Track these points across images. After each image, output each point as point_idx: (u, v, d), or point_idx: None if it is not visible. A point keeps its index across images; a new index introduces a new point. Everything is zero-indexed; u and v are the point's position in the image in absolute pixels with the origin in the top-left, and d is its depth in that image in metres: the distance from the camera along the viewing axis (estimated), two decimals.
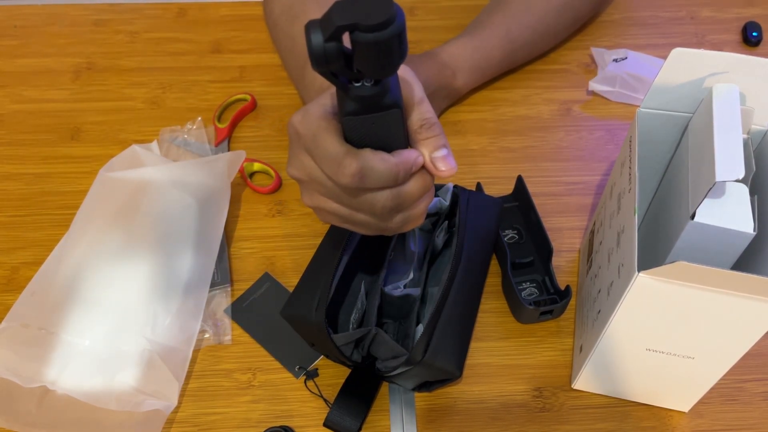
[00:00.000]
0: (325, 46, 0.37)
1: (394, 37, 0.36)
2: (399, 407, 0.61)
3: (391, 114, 0.41)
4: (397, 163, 0.43)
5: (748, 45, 0.89)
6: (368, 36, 0.36)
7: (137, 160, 0.73)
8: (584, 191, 0.75)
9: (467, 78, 0.78)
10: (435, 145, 0.44)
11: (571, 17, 0.83)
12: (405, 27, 0.37)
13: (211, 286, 0.66)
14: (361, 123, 0.42)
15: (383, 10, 0.35)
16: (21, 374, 0.59)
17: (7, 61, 0.87)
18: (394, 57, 0.38)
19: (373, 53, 0.37)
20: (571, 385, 0.61)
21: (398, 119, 0.42)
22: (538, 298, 0.66)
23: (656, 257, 0.54)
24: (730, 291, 0.45)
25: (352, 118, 0.42)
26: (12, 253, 0.70)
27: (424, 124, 0.44)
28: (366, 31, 0.36)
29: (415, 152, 0.44)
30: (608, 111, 0.82)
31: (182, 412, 0.60)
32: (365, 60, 0.37)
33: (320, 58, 0.37)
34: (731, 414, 0.60)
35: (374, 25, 0.35)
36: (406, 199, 0.45)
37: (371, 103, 0.41)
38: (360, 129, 0.43)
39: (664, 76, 0.52)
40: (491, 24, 0.79)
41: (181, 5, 0.94)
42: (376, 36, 0.36)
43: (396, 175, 0.43)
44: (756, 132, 0.53)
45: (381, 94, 0.40)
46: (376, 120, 0.42)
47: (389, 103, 0.41)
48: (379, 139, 0.43)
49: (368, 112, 0.41)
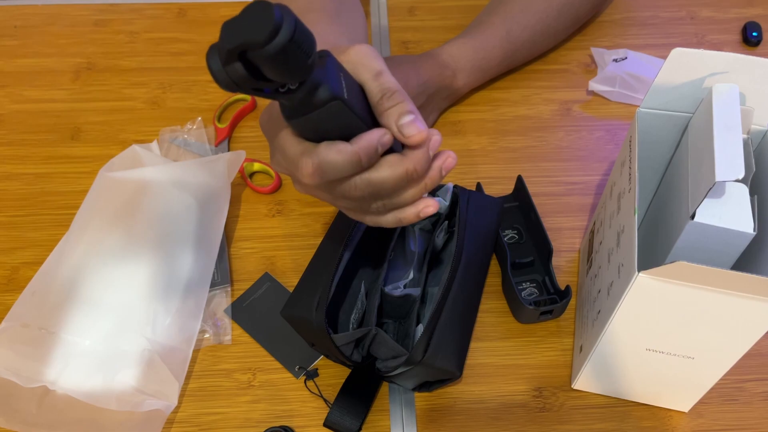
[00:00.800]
0: (227, 70, 0.36)
1: (286, 45, 0.34)
2: (399, 407, 0.61)
3: (332, 107, 0.39)
4: (355, 150, 0.41)
5: (748, 45, 0.89)
6: (260, 53, 0.34)
7: (137, 160, 0.73)
8: (584, 191, 0.75)
9: (467, 78, 0.79)
10: (398, 112, 0.42)
11: (571, 17, 0.83)
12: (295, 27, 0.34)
13: (211, 286, 0.66)
14: (305, 123, 0.41)
15: (266, 22, 0.34)
16: (21, 374, 0.59)
17: (7, 61, 0.87)
18: (298, 60, 0.36)
19: (273, 65, 0.35)
20: (571, 385, 0.61)
21: (342, 110, 0.40)
22: (538, 298, 0.66)
23: (656, 257, 0.54)
24: (730, 291, 0.45)
25: (295, 122, 0.41)
26: (12, 253, 0.70)
27: (384, 94, 0.42)
28: (256, 49, 0.34)
29: (378, 132, 0.42)
30: (608, 111, 0.82)
31: (182, 412, 0.60)
32: (271, 71, 0.36)
33: (226, 83, 0.36)
34: (731, 414, 0.60)
35: (261, 41, 0.34)
36: (379, 186, 0.43)
37: (305, 103, 0.39)
38: (308, 128, 0.42)
39: (664, 76, 0.52)
40: (491, 24, 0.79)
41: (181, 5, 0.94)
42: (266, 51, 0.34)
43: (357, 161, 0.41)
44: (756, 132, 0.53)
45: (311, 92, 0.39)
46: (318, 117, 0.40)
47: (326, 98, 0.39)
48: (333, 130, 0.42)
49: (307, 112, 0.40)
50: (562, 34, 0.85)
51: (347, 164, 0.41)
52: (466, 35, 0.79)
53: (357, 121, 0.41)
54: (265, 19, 0.33)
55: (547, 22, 0.81)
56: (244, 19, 0.34)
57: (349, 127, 0.42)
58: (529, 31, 0.80)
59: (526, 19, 0.80)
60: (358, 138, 0.42)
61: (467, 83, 0.79)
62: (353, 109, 0.41)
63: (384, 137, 0.42)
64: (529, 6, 0.80)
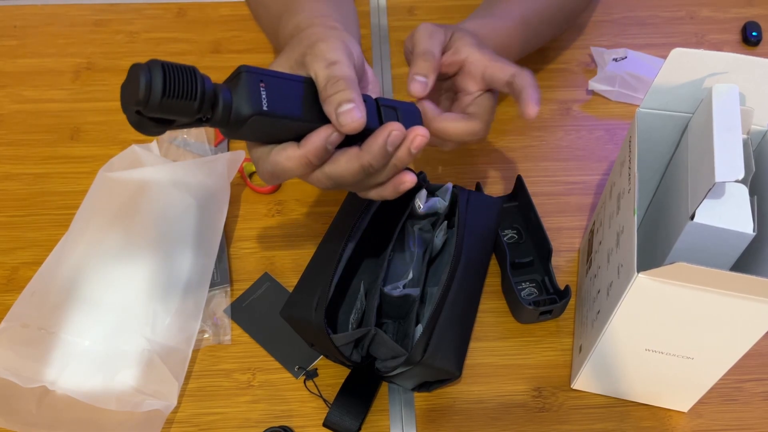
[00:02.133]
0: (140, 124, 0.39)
1: (161, 99, 0.37)
2: (398, 407, 0.61)
3: (253, 122, 0.41)
4: (303, 154, 0.43)
5: (748, 45, 0.89)
6: (148, 111, 0.38)
7: (137, 160, 0.73)
8: (584, 191, 0.75)
9: None
10: (338, 100, 0.42)
11: (571, 7, 0.80)
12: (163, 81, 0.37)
13: (210, 286, 0.66)
14: (246, 137, 0.43)
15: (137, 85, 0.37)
16: (21, 374, 0.59)
17: (7, 61, 0.87)
18: (184, 105, 0.38)
19: (165, 113, 0.38)
20: (570, 385, 0.61)
21: (266, 121, 0.42)
22: (538, 298, 0.66)
23: (656, 258, 0.54)
24: (729, 292, 0.45)
25: (237, 137, 0.43)
26: (12, 253, 0.70)
27: (328, 82, 0.43)
28: (143, 108, 0.37)
29: (325, 132, 0.43)
30: (608, 111, 0.82)
31: (182, 412, 0.60)
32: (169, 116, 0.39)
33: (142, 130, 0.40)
34: (730, 414, 0.60)
35: (139, 101, 0.37)
36: (339, 179, 0.45)
37: (229, 124, 0.41)
38: (253, 139, 0.44)
39: (663, 76, 0.52)
40: (507, 8, 0.71)
41: (181, 5, 0.94)
42: (150, 109, 0.37)
43: (307, 163, 0.43)
44: (756, 132, 0.53)
45: (226, 116, 0.41)
46: (248, 131, 0.42)
47: (244, 116, 0.41)
48: (274, 135, 0.43)
49: (236, 131, 0.42)
50: (564, 24, 0.82)
51: (298, 167, 0.43)
52: (484, 16, 0.69)
53: (293, 122, 0.43)
54: (137, 82, 0.37)
55: (553, 10, 0.76)
56: (129, 84, 0.38)
57: (289, 129, 0.43)
58: (539, 16, 0.74)
59: (537, 4, 0.74)
60: (306, 140, 0.43)
61: None
62: (282, 115, 0.42)
63: (331, 136, 0.43)
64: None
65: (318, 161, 0.43)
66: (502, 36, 0.67)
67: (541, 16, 0.75)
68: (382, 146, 0.44)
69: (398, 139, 0.44)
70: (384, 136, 0.43)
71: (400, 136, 0.44)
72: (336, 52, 0.45)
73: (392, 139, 0.44)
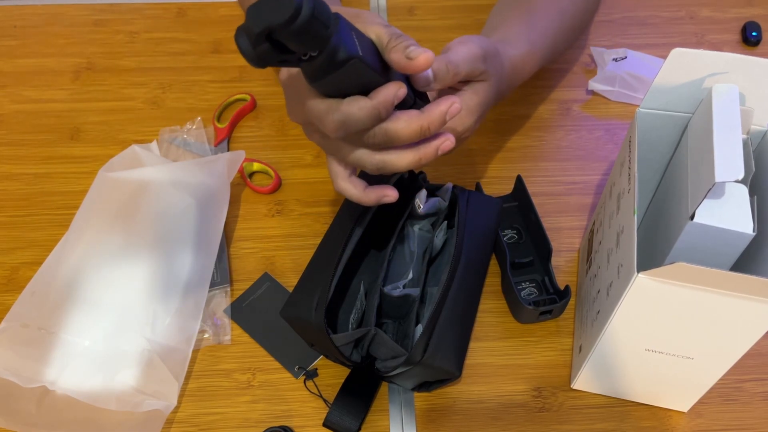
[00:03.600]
0: (256, 51, 0.39)
1: (307, 22, 0.37)
2: (398, 407, 0.61)
3: (351, 66, 0.43)
4: (375, 104, 0.45)
5: (748, 45, 0.89)
6: (284, 32, 0.38)
7: (137, 160, 0.73)
8: (584, 191, 0.75)
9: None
10: (405, 46, 0.45)
11: (578, 23, 0.77)
12: (314, 3, 0.37)
13: (210, 286, 0.66)
14: (327, 83, 0.44)
15: (287, 3, 0.37)
16: (21, 374, 0.59)
17: (7, 61, 0.87)
18: (318, 32, 0.39)
19: (297, 40, 0.39)
20: (570, 385, 0.61)
21: (361, 67, 0.43)
22: (538, 298, 0.66)
23: (656, 258, 0.54)
24: (729, 292, 0.45)
25: (318, 84, 0.44)
26: (12, 253, 0.70)
27: (391, 37, 0.46)
28: (281, 30, 0.37)
29: (394, 86, 0.45)
30: (608, 111, 0.82)
31: (182, 412, 0.60)
32: (295, 45, 0.40)
33: (256, 61, 0.40)
34: (730, 414, 0.60)
35: (284, 22, 0.37)
36: (393, 136, 0.47)
37: (327, 66, 0.42)
38: (330, 87, 0.45)
39: (663, 76, 0.52)
40: (517, 31, 0.69)
41: (181, 5, 0.94)
42: (290, 30, 0.37)
43: (377, 115, 0.46)
44: (756, 132, 0.53)
45: (332, 55, 0.41)
46: (340, 77, 0.43)
47: (345, 58, 0.42)
48: (352, 86, 0.45)
49: (329, 74, 0.43)
50: (566, 45, 0.78)
51: (368, 118, 0.45)
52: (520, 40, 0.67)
53: (374, 75, 0.45)
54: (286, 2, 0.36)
55: (562, 29, 0.73)
56: (267, 2, 0.37)
57: (367, 82, 0.45)
58: (549, 38, 0.71)
59: (544, 24, 0.71)
60: (376, 92, 0.45)
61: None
62: (369, 65, 0.44)
63: (399, 90, 0.46)
64: (547, 13, 0.72)
65: (386, 114, 0.46)
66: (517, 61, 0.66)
67: (552, 37, 0.72)
68: (441, 113, 0.48)
69: (457, 111, 0.48)
70: (447, 104, 0.48)
71: (459, 109, 0.49)
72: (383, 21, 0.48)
73: (452, 111, 0.48)
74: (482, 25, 0.90)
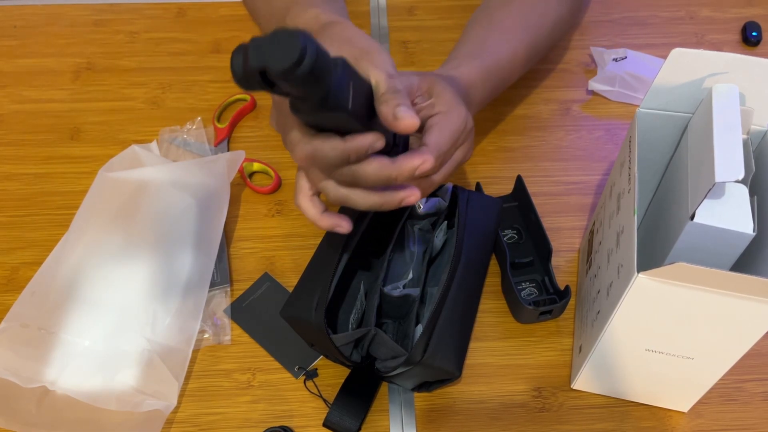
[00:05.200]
0: (245, 75, 0.38)
1: (302, 77, 0.37)
2: (398, 407, 0.61)
3: (336, 115, 0.42)
4: (346, 148, 0.45)
5: (748, 45, 0.89)
6: (279, 77, 0.37)
7: (137, 160, 0.73)
8: (584, 191, 0.75)
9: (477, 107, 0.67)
10: (395, 103, 0.45)
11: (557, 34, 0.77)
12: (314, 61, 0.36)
13: (210, 286, 0.66)
14: (308, 119, 0.44)
15: (291, 51, 0.36)
16: (21, 374, 0.59)
17: (7, 61, 0.87)
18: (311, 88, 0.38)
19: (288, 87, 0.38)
20: (570, 385, 0.61)
21: (345, 119, 0.43)
22: (538, 298, 0.66)
23: (656, 258, 0.54)
24: (729, 292, 0.45)
25: (300, 116, 0.44)
26: (12, 253, 0.70)
27: (387, 91, 0.46)
28: (276, 75, 0.37)
29: (371, 137, 0.45)
30: (608, 111, 0.82)
31: (182, 412, 0.60)
32: (286, 90, 0.39)
33: (243, 83, 0.39)
34: (730, 414, 0.60)
35: (281, 71, 0.36)
36: (360, 178, 0.47)
37: (311, 109, 0.42)
38: (311, 122, 0.45)
39: (663, 76, 0.52)
40: (495, 43, 0.69)
41: (181, 5, 0.94)
42: (284, 79, 0.37)
43: (346, 158, 0.46)
44: (756, 132, 0.53)
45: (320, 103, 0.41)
46: (322, 119, 0.43)
47: (332, 107, 0.41)
48: (332, 128, 0.45)
49: (311, 115, 0.43)
50: (546, 51, 0.77)
51: (337, 159, 0.46)
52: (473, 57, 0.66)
53: (356, 125, 0.44)
54: (290, 50, 0.36)
55: (539, 38, 0.73)
56: (272, 42, 0.36)
57: (347, 128, 0.45)
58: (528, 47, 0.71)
59: (524, 35, 0.71)
60: (353, 138, 0.45)
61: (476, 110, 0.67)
62: (356, 118, 0.43)
63: (376, 143, 0.46)
64: (527, 21, 0.71)
65: (356, 160, 0.46)
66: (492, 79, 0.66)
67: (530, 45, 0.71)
68: (412, 169, 0.47)
69: (426, 170, 0.48)
70: (419, 161, 0.47)
71: (430, 168, 0.48)
72: (390, 66, 0.48)
73: (422, 168, 0.47)
74: None
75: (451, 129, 0.52)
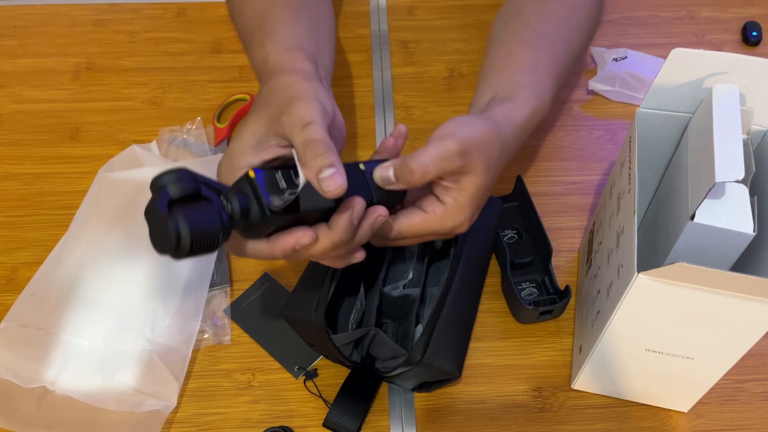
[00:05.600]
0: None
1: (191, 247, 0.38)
2: (398, 407, 0.61)
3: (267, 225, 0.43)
4: (271, 249, 0.45)
5: (748, 45, 0.89)
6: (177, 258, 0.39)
7: (136, 160, 0.73)
8: (584, 191, 0.75)
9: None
10: (318, 166, 0.43)
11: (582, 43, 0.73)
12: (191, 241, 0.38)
13: (210, 286, 0.66)
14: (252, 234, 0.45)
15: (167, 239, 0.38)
16: (21, 374, 0.59)
17: (7, 61, 0.87)
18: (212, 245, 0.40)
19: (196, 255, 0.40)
20: (570, 385, 0.61)
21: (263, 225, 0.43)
22: (538, 298, 0.66)
23: (656, 258, 0.54)
24: (729, 292, 0.45)
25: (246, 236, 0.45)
26: (12, 253, 0.70)
27: (306, 145, 0.44)
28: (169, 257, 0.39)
29: (297, 235, 0.44)
30: (608, 111, 0.82)
31: (182, 412, 0.60)
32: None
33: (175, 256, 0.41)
34: (730, 414, 0.60)
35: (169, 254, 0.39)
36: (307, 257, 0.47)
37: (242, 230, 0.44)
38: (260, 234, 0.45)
39: (663, 76, 0.52)
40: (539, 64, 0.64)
41: (181, 5, 0.94)
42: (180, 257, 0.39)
43: (272, 257, 0.45)
44: (756, 132, 0.53)
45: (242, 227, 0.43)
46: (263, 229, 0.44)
47: (254, 223, 0.42)
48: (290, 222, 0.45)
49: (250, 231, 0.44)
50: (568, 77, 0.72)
51: (265, 257, 0.46)
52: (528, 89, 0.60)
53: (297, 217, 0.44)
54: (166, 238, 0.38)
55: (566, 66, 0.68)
56: (151, 229, 0.39)
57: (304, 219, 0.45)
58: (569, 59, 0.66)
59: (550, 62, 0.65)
60: (277, 238, 0.44)
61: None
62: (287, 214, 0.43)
63: (302, 239, 0.44)
64: (552, 48, 0.66)
65: (281, 256, 0.45)
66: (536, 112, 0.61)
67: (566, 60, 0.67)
68: (348, 222, 0.45)
69: (360, 212, 0.45)
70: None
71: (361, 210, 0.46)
72: (311, 113, 0.46)
73: (356, 213, 0.45)
74: (482, 24, 0.90)
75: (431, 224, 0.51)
